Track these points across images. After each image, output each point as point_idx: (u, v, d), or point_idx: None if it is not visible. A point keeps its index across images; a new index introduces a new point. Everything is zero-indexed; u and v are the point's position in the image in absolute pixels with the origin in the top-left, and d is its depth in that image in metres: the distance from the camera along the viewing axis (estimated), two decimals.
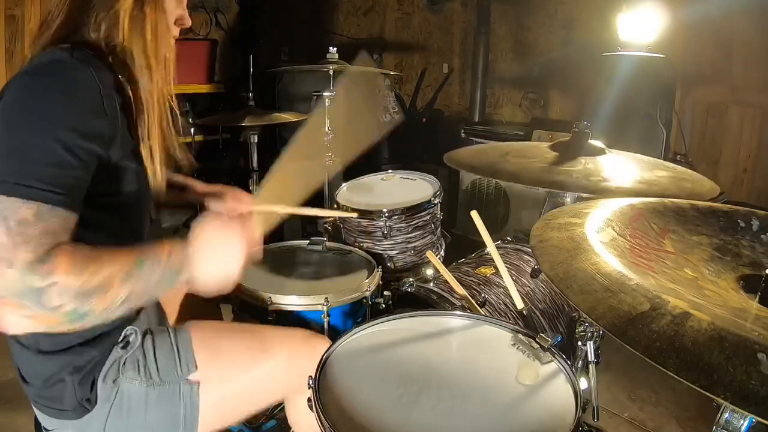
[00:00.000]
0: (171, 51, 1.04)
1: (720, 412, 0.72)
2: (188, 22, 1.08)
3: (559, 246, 0.82)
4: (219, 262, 0.91)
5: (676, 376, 0.55)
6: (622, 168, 1.36)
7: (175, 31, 1.07)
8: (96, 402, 0.99)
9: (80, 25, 0.94)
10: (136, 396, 1.01)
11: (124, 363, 1.02)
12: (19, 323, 0.79)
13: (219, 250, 0.91)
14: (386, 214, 1.89)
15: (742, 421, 0.71)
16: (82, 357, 0.98)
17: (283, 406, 1.64)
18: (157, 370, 1.03)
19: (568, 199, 1.44)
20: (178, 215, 3.18)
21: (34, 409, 1.03)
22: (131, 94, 0.96)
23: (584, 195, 1.23)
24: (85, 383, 0.98)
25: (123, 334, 1.03)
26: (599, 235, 0.85)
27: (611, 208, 0.96)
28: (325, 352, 1.05)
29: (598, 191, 1.19)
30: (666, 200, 0.99)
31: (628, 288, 0.68)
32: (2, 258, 0.74)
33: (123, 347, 1.02)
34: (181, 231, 3.15)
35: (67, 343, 0.97)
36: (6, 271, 0.74)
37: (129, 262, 0.82)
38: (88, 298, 0.78)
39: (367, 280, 1.54)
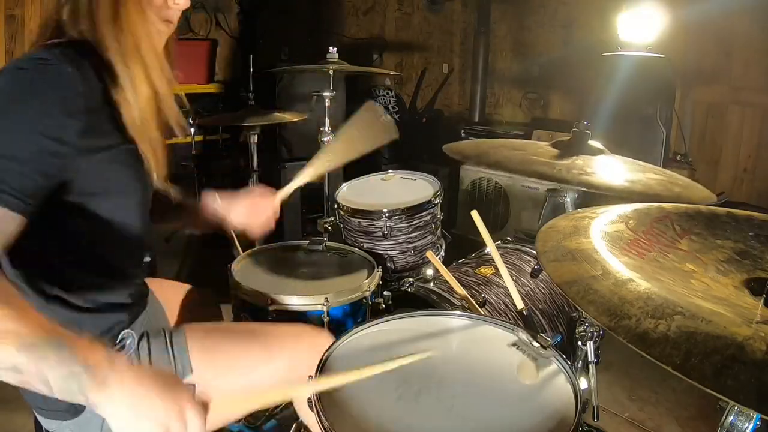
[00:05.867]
0: (146, 40, 0.95)
1: (725, 414, 0.72)
2: (184, 2, 0.98)
3: (560, 229, 0.85)
4: (135, 413, 0.71)
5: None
6: (615, 169, 1.35)
7: (163, 14, 0.98)
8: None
9: (60, 23, 0.92)
10: None
11: None
12: None
13: (142, 402, 0.72)
14: (386, 214, 1.89)
15: (747, 424, 0.70)
16: None
17: (284, 406, 1.65)
18: None
19: (569, 200, 1.44)
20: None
21: (33, 410, 1.03)
22: (118, 92, 0.91)
23: (583, 189, 1.22)
24: None
25: (119, 338, 1.03)
26: (606, 225, 0.85)
27: (635, 207, 0.96)
28: (325, 352, 1.05)
29: (594, 187, 1.19)
30: (702, 206, 0.98)
31: (590, 258, 0.75)
32: None
33: (118, 351, 1.01)
34: (173, 238, 3.09)
35: None
36: None
37: (35, 332, 0.68)
38: None
39: (367, 280, 1.54)
